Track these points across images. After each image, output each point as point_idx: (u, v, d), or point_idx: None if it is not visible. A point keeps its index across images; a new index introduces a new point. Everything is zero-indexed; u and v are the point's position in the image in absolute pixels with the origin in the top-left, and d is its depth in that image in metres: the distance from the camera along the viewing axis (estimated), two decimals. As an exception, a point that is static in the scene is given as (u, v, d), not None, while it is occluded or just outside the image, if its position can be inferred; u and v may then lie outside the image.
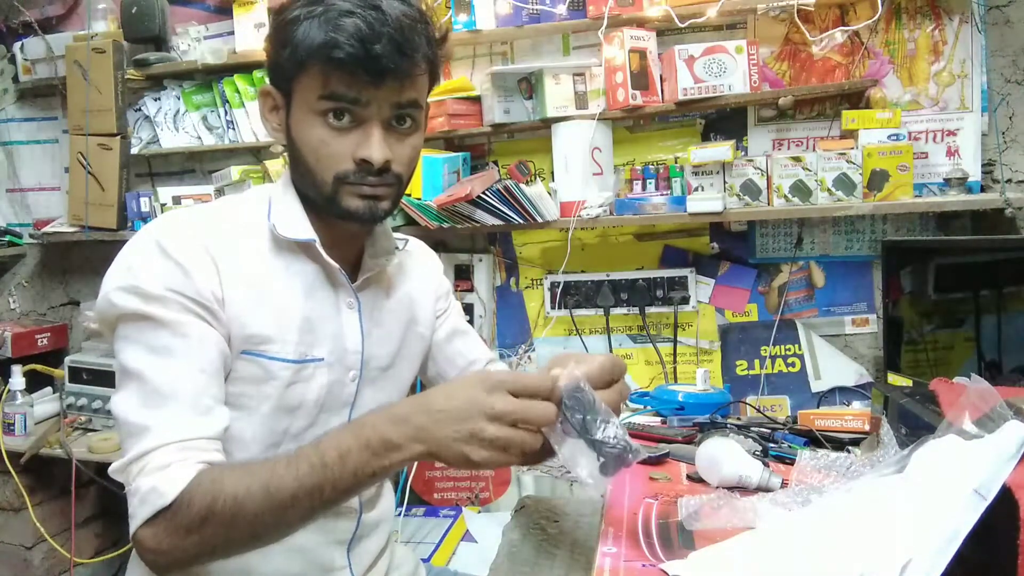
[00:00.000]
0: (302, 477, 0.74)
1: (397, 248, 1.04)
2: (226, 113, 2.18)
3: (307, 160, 0.88)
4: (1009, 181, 1.69)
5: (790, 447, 1.21)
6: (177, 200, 2.11)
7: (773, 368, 1.90)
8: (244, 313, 0.87)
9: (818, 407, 1.77)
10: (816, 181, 1.67)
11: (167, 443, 0.78)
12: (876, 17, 1.69)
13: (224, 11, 2.18)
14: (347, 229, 0.96)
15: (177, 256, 0.84)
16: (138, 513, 0.77)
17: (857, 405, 1.76)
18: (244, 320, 0.87)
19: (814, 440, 1.26)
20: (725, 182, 1.73)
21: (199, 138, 2.23)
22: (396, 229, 1.70)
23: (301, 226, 0.93)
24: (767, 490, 1.01)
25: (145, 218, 2.16)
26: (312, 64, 0.84)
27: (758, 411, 1.53)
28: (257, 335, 0.88)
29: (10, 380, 2.16)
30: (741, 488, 1.03)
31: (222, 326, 0.86)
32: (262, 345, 0.89)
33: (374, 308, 1.01)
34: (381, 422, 0.75)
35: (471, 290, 2.06)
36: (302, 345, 0.92)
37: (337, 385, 0.96)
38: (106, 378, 2.10)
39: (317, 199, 0.91)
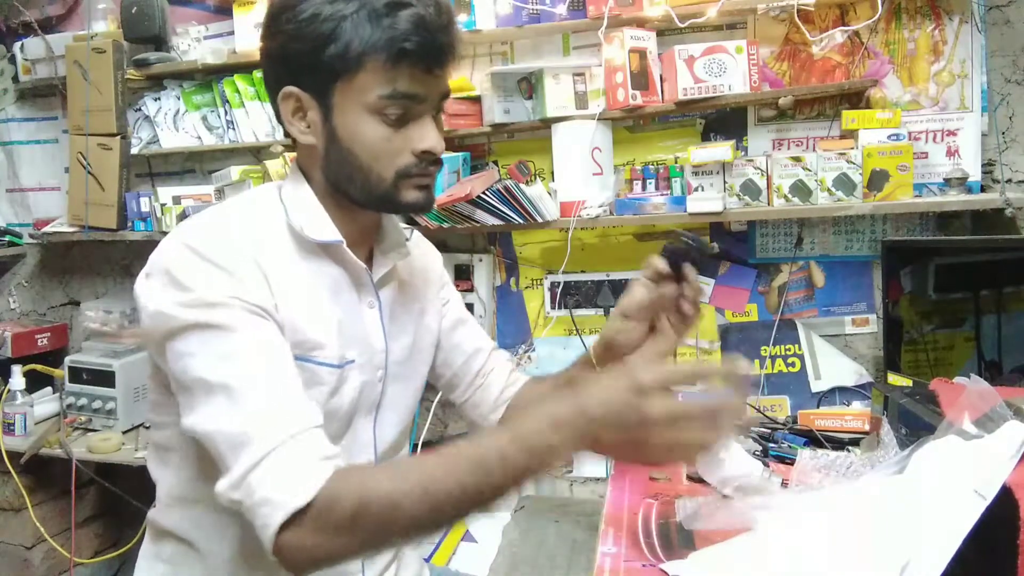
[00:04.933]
0: (463, 480, 0.73)
1: (407, 239, 1.03)
2: (226, 113, 2.18)
3: (362, 159, 0.86)
4: (1009, 181, 1.68)
5: (790, 447, 1.21)
6: (177, 200, 2.11)
7: (773, 368, 1.90)
8: (295, 319, 0.86)
9: (818, 407, 1.77)
10: (816, 181, 1.66)
11: (278, 444, 0.74)
12: (876, 17, 1.69)
13: (224, 11, 2.18)
14: (365, 225, 0.95)
15: (224, 264, 0.81)
16: (272, 521, 0.72)
17: (857, 405, 1.76)
18: (296, 326, 0.86)
19: (814, 440, 1.26)
20: (725, 182, 1.73)
21: (199, 138, 2.22)
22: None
23: (327, 227, 0.91)
24: (767, 491, 1.01)
25: (145, 218, 2.16)
26: (371, 61, 0.82)
27: (758, 411, 1.53)
28: (308, 340, 0.87)
29: (10, 380, 2.16)
30: (741, 488, 1.03)
31: (281, 330, 0.84)
32: (313, 351, 0.87)
33: (392, 305, 1.00)
34: (543, 428, 0.73)
35: (471, 290, 2.06)
36: (341, 348, 0.91)
37: (368, 386, 0.95)
38: (106, 378, 2.10)
39: (367, 197, 0.89)
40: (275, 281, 0.85)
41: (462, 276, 2.07)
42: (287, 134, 0.92)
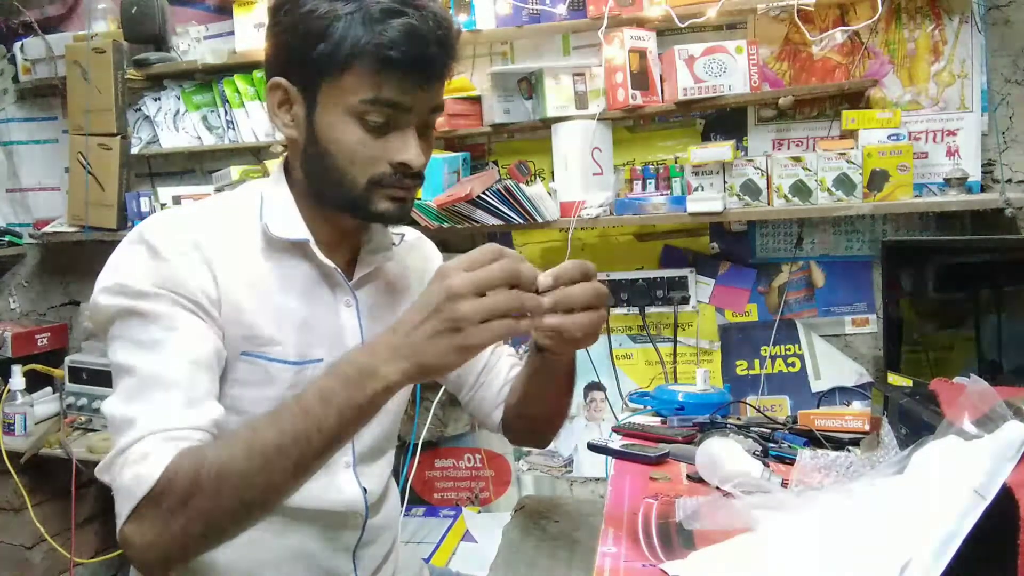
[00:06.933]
0: (285, 427, 0.71)
1: (394, 244, 1.03)
2: (226, 113, 2.18)
3: (338, 161, 0.86)
4: (1009, 181, 1.68)
5: (790, 447, 1.21)
6: (177, 200, 2.11)
7: (773, 368, 1.90)
8: (244, 314, 0.86)
9: (818, 407, 1.77)
10: (816, 181, 1.67)
11: (150, 433, 0.73)
12: (876, 17, 1.69)
13: (224, 11, 2.18)
14: (345, 226, 0.94)
15: (167, 255, 0.82)
16: (122, 510, 0.71)
17: (857, 405, 1.76)
18: (244, 321, 0.86)
19: (814, 440, 1.26)
20: (725, 182, 1.73)
21: (199, 138, 2.23)
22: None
23: (294, 225, 0.91)
24: (767, 490, 1.01)
25: (144, 218, 2.16)
26: (358, 65, 0.81)
27: (758, 411, 1.52)
28: (259, 336, 0.87)
29: (10, 380, 2.16)
30: (741, 488, 1.03)
31: (217, 326, 0.84)
32: (264, 347, 0.87)
33: (374, 305, 0.99)
34: (354, 355, 0.73)
35: (471, 290, 2.06)
36: (301, 346, 0.90)
37: None
38: (106, 378, 2.08)
39: (340, 200, 0.89)
40: (224, 275, 0.85)
41: (462, 276, 2.07)
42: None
